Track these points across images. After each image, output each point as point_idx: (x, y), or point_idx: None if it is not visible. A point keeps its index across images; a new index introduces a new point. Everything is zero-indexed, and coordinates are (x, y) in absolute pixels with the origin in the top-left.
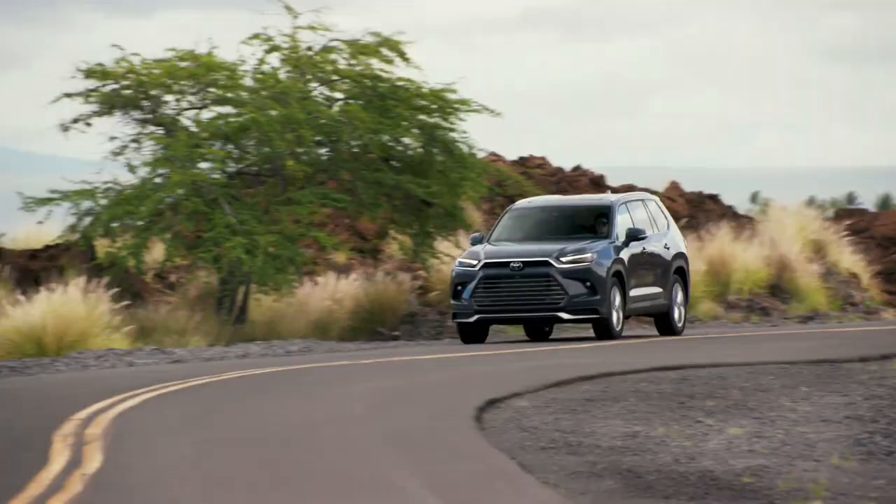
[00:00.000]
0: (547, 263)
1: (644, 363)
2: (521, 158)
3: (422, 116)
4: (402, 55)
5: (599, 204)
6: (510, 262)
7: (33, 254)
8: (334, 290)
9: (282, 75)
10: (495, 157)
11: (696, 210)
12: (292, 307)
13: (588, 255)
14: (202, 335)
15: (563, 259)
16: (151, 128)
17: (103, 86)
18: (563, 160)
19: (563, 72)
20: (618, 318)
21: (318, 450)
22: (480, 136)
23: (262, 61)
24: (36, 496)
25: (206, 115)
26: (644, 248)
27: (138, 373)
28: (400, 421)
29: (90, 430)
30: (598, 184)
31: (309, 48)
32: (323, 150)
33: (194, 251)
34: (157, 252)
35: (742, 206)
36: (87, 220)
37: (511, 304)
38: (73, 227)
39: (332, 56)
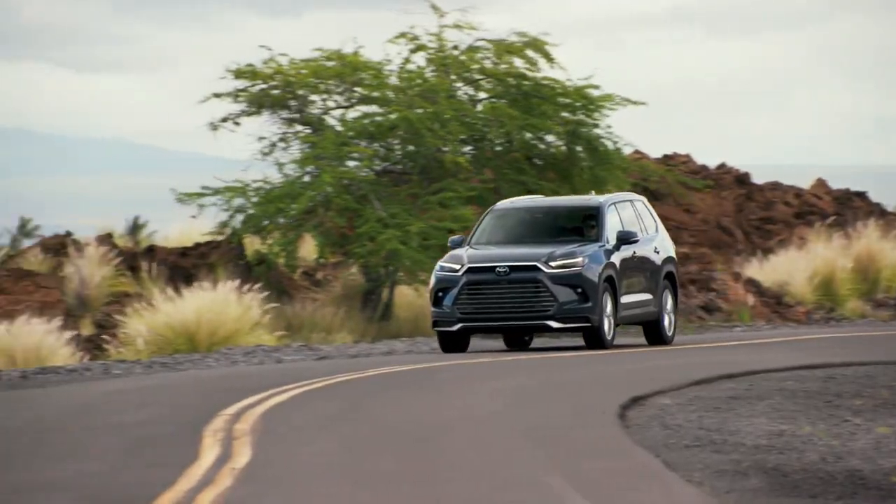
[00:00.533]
0: (535, 268)
1: (789, 361)
2: (666, 156)
3: (565, 114)
4: (547, 57)
5: (587, 205)
6: (496, 266)
7: (184, 251)
8: None
9: (427, 74)
10: (639, 155)
11: (842, 208)
12: None
13: (579, 259)
14: (348, 332)
15: (553, 263)
16: (298, 127)
17: (252, 86)
18: (708, 157)
19: (709, 68)
20: (609, 326)
21: (461, 447)
22: (625, 133)
23: (407, 60)
24: (187, 490)
25: (351, 114)
26: (635, 252)
27: (285, 369)
28: (543, 418)
29: (239, 425)
30: (742, 181)
31: (455, 47)
32: (467, 149)
33: (345, 247)
34: (303, 250)
35: (890, 203)
36: (238, 217)
37: (496, 311)
38: (223, 224)
39: (478, 55)
